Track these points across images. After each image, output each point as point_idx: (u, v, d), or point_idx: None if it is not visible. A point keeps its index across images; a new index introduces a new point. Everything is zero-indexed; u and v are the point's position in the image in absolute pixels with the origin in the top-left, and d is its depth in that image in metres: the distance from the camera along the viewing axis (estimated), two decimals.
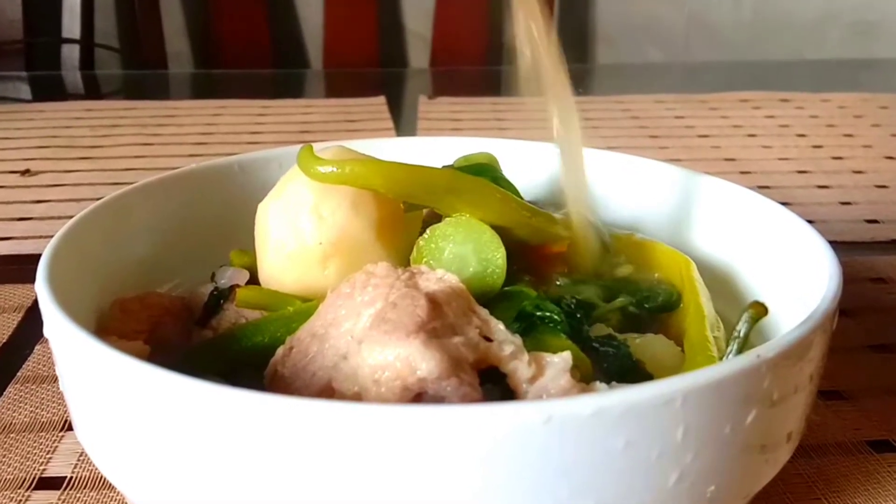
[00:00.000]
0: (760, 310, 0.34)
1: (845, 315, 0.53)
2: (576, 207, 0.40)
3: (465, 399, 0.28)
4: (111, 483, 0.33)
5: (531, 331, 0.34)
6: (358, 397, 0.29)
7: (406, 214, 0.38)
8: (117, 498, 0.37)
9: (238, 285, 0.39)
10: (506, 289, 0.36)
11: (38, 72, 1.36)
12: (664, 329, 0.38)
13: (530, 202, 0.40)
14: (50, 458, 0.40)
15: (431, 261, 0.36)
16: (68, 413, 0.39)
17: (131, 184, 0.43)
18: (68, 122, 0.95)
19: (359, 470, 0.25)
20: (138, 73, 1.46)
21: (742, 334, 0.34)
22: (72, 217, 0.38)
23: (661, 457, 0.26)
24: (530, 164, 0.48)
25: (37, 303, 0.32)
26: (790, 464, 0.32)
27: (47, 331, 0.31)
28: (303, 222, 0.36)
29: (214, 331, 0.38)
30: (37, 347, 0.49)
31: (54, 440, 0.41)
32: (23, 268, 0.59)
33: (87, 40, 1.41)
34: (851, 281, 0.52)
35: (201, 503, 0.27)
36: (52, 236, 0.36)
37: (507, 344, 0.30)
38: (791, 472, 0.38)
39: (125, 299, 0.39)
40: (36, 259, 0.34)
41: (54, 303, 0.31)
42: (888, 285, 0.58)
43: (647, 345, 0.36)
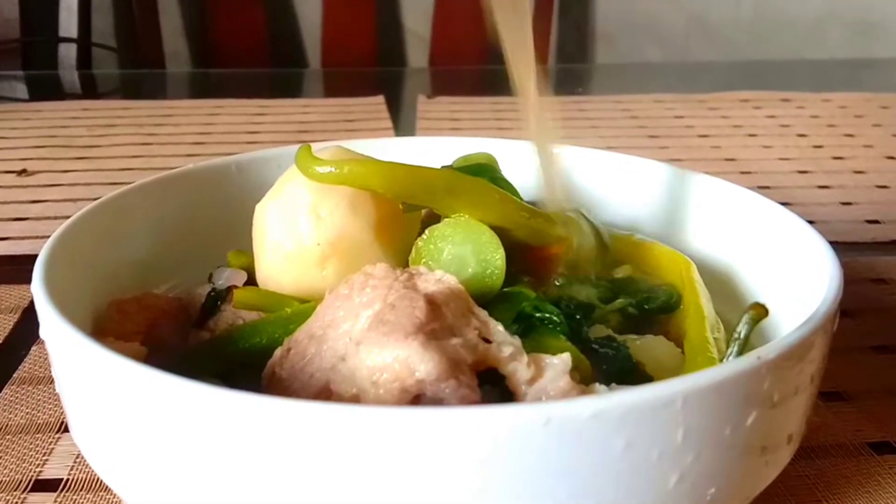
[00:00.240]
0: (761, 311, 0.34)
1: (846, 316, 0.53)
2: (553, 205, 0.40)
3: (464, 401, 0.28)
4: (107, 485, 0.33)
5: (530, 332, 0.34)
6: (356, 399, 0.29)
7: (405, 215, 0.38)
8: (113, 500, 0.37)
9: (235, 286, 0.39)
10: (505, 290, 0.36)
11: (34, 71, 1.36)
12: (664, 330, 0.38)
13: (529, 202, 0.40)
14: (46, 460, 0.40)
15: (430, 262, 0.36)
16: (64, 415, 0.39)
17: (128, 184, 0.43)
18: (65, 122, 0.95)
19: (357, 473, 0.25)
20: (135, 72, 1.45)
21: (742, 335, 0.34)
22: (68, 217, 0.38)
23: (661, 459, 0.26)
24: (530, 164, 0.48)
25: (33, 304, 0.32)
26: (791, 465, 0.32)
27: (43, 332, 0.31)
28: (301, 223, 0.36)
29: (212, 332, 0.38)
30: (33, 348, 0.49)
31: (50, 442, 0.41)
32: (19, 268, 0.59)
33: (85, 39, 1.40)
34: (852, 282, 0.52)
35: None
36: (49, 237, 0.36)
37: (506, 345, 0.30)
38: (792, 473, 0.38)
39: (122, 300, 0.39)
40: (32, 259, 0.34)
41: (50, 304, 0.31)
42: (889, 286, 0.58)
43: (647, 346, 0.36)
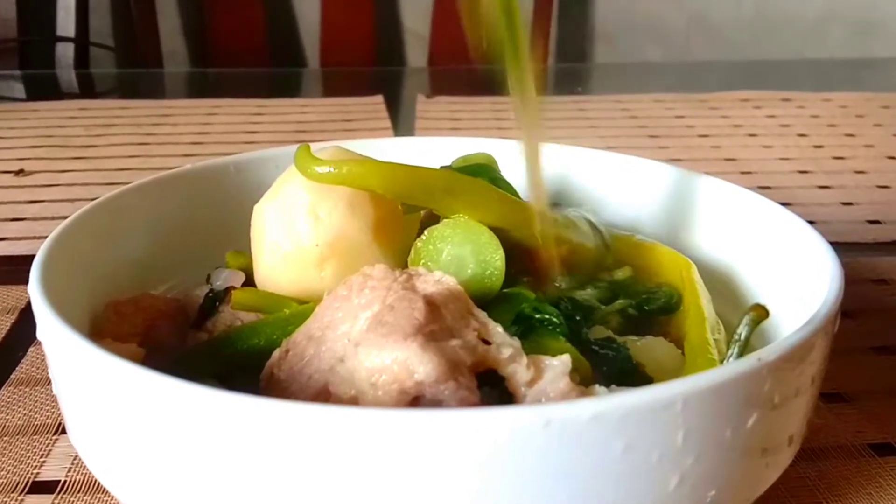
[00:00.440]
0: (761, 312, 0.34)
1: (847, 317, 0.52)
2: (537, 205, 0.39)
3: (463, 403, 0.28)
4: (105, 487, 0.33)
5: (530, 333, 0.34)
6: (355, 401, 0.29)
7: (404, 216, 0.38)
8: (111, 502, 0.37)
9: (234, 287, 0.39)
10: (504, 291, 0.35)
11: (32, 70, 1.36)
12: (664, 331, 0.38)
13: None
14: (43, 462, 0.39)
15: (429, 262, 0.36)
16: (62, 416, 0.39)
17: (126, 184, 0.43)
18: (62, 122, 0.95)
19: (356, 475, 0.25)
20: (133, 71, 1.45)
21: (743, 337, 0.34)
22: (66, 218, 0.38)
23: (661, 461, 0.26)
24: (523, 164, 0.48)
25: (30, 305, 0.32)
26: (792, 467, 0.32)
27: (40, 333, 0.31)
28: (299, 223, 0.36)
29: (210, 333, 0.38)
30: (30, 350, 0.49)
31: (48, 444, 0.41)
32: (16, 269, 0.59)
33: (82, 39, 1.40)
34: (853, 282, 0.52)
35: None
36: (46, 237, 0.36)
37: (505, 347, 0.30)
38: (792, 475, 0.38)
39: (119, 301, 0.38)
40: (30, 260, 0.34)
41: (47, 305, 0.30)
42: (890, 286, 0.58)
43: (647, 347, 0.36)
